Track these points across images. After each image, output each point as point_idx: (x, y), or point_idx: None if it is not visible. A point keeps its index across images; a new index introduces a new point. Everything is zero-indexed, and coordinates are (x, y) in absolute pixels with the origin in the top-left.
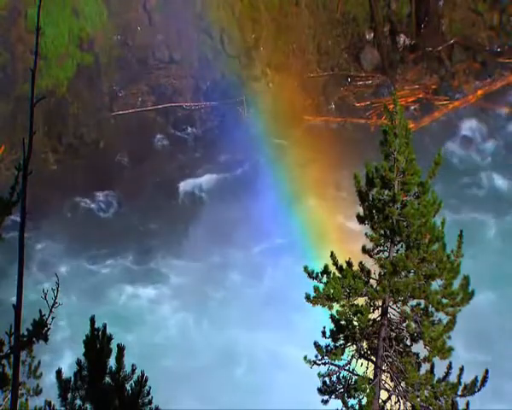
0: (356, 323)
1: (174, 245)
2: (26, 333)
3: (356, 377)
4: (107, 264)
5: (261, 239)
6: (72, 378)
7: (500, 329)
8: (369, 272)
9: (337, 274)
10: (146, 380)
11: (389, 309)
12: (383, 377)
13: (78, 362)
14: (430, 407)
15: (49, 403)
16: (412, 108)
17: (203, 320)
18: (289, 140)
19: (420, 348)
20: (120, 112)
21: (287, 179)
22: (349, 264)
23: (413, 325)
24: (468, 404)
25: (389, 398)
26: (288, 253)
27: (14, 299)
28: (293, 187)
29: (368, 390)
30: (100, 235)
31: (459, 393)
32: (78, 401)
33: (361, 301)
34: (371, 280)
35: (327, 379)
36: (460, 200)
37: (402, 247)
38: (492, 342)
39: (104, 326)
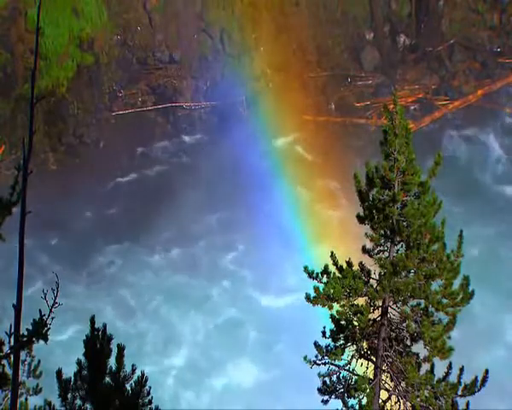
0: (356, 323)
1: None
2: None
3: (356, 377)
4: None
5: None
6: (72, 378)
7: None
8: (369, 272)
9: (337, 274)
10: (146, 380)
11: (389, 309)
12: (383, 377)
13: (79, 362)
14: (430, 407)
15: (49, 403)
16: (412, 108)
17: None
18: (289, 140)
19: (420, 348)
20: (120, 112)
21: (286, 178)
22: (349, 264)
23: (413, 325)
24: (468, 404)
25: (389, 398)
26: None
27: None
28: (293, 185)
29: (368, 390)
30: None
31: (459, 393)
32: (78, 401)
33: (361, 301)
34: (371, 280)
35: (327, 379)
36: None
37: (402, 247)
38: None
39: (104, 326)
